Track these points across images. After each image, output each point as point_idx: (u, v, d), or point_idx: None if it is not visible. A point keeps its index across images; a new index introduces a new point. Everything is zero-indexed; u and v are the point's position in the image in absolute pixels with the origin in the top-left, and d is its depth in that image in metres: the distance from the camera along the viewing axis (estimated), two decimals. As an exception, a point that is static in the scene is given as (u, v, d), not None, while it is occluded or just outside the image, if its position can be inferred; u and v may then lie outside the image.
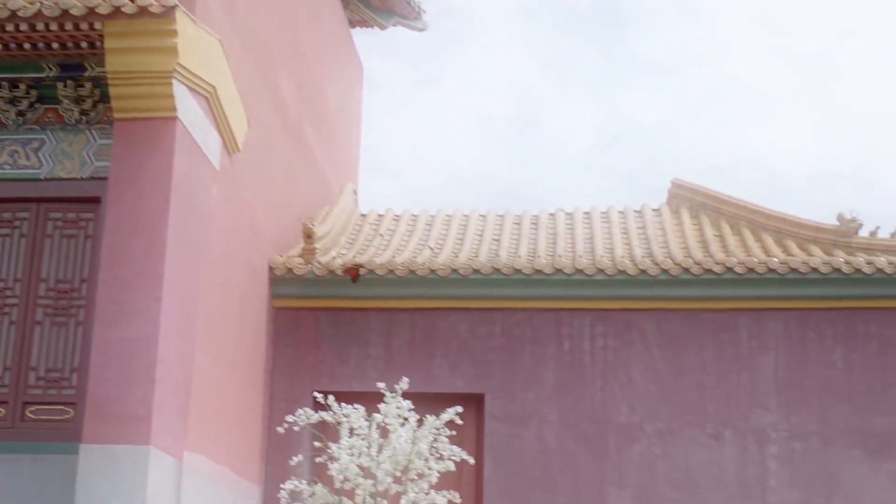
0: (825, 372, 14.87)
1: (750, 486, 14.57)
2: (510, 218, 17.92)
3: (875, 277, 14.75)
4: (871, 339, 14.95)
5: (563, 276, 14.96)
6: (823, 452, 14.64)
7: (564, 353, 15.09)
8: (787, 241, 16.14)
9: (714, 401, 14.85)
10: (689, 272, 14.86)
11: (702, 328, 15.08)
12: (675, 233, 16.84)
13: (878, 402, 14.75)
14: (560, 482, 14.71)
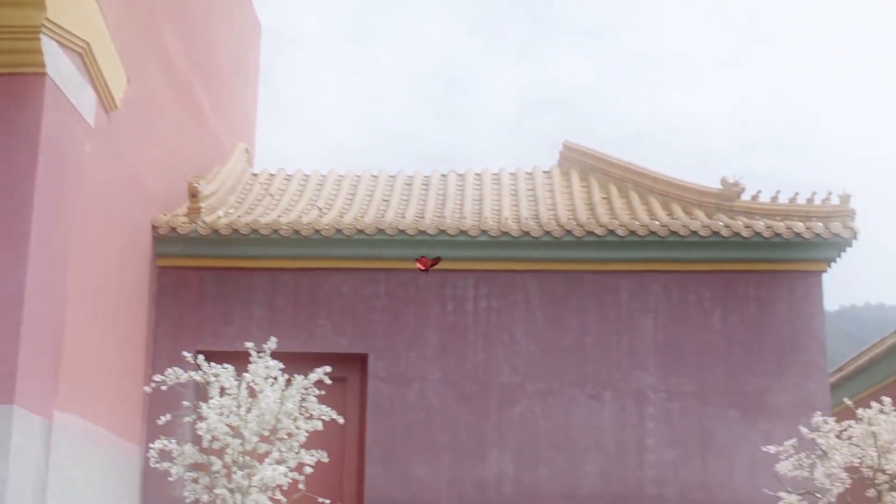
0: (703, 334, 15.12)
1: (628, 445, 14.81)
2: (401, 179, 17.93)
3: (753, 241, 15.00)
4: (749, 301, 15.21)
5: (446, 238, 15.03)
6: (700, 412, 14.91)
7: (448, 314, 15.18)
8: (672, 204, 16.32)
9: (594, 361, 15.04)
10: (571, 234, 15.01)
11: (584, 290, 15.25)
12: (563, 195, 16.96)
13: (755, 363, 15.03)
14: (442, 441, 14.84)
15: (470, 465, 14.75)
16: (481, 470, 14.74)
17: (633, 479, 14.72)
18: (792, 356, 15.05)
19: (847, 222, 15.05)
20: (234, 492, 10.70)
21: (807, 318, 15.18)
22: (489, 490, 14.69)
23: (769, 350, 15.08)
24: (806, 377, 14.95)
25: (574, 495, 14.65)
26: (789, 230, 14.96)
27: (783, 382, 14.94)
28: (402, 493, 14.68)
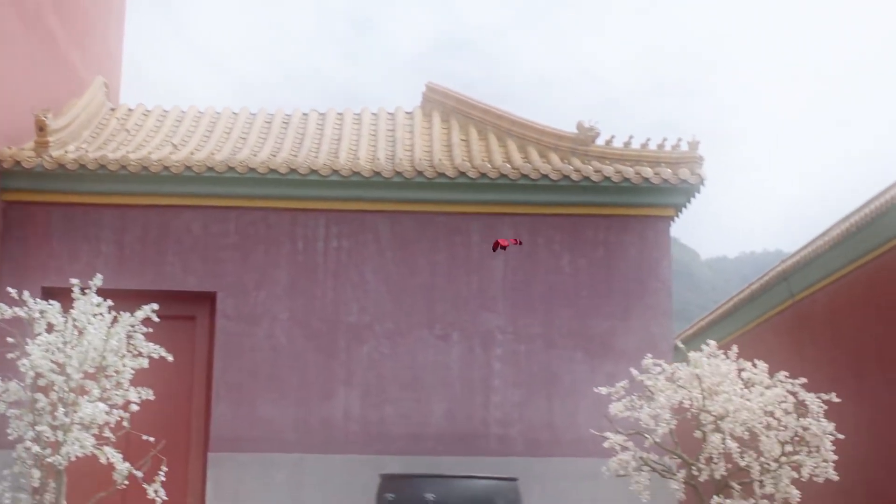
0: (552, 277, 15.26)
1: (474, 385, 14.94)
2: (262, 117, 17.76)
3: (603, 185, 15.14)
4: (598, 245, 15.38)
5: (297, 177, 14.94)
6: (546, 354, 15.09)
7: (298, 253, 15.13)
8: (529, 147, 16.39)
9: (443, 302, 15.12)
10: (422, 175, 15.01)
11: (434, 231, 15.29)
12: (422, 136, 16.94)
13: (602, 306, 15.23)
14: (289, 380, 14.84)
15: (317, 404, 14.79)
16: (328, 409, 14.79)
17: (478, 420, 14.88)
18: (638, 300, 15.27)
19: (695, 168, 15.25)
20: (57, 429, 10.60)
21: (654, 262, 15.40)
22: (336, 428, 14.74)
23: (616, 293, 15.28)
24: (651, 320, 15.19)
25: (420, 434, 14.77)
26: (638, 175, 15.12)
27: (629, 325, 15.16)
28: (249, 431, 14.68)
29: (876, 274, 18.43)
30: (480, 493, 11.69)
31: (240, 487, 14.51)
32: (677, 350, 13.69)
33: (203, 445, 14.89)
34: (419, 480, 11.71)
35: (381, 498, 11.81)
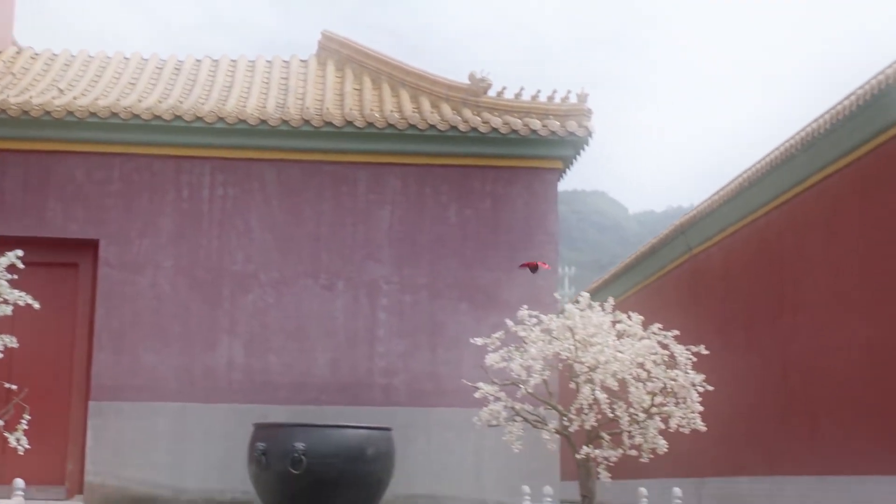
0: (438, 227, 15.26)
1: (359, 335, 14.94)
2: (154, 63, 17.49)
3: (491, 136, 15.13)
4: (485, 196, 15.38)
5: (182, 124, 14.76)
6: (431, 305, 15.11)
7: (183, 201, 14.98)
8: (421, 97, 16.32)
9: (329, 252, 15.06)
10: (309, 124, 14.89)
11: (321, 180, 15.20)
12: (316, 85, 16.80)
13: (488, 258, 15.26)
14: (172, 329, 14.72)
15: (200, 353, 14.70)
16: (211, 358, 14.71)
17: (363, 369, 14.88)
18: (525, 252, 15.30)
19: (582, 121, 15.27)
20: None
21: (542, 214, 15.44)
22: (219, 378, 14.68)
23: (502, 245, 15.31)
24: (537, 272, 15.23)
25: (304, 384, 14.75)
26: (526, 127, 15.12)
27: (514, 277, 15.19)
28: (130, 380, 14.56)
29: (765, 228, 18.68)
30: (352, 442, 11.66)
31: (121, 436, 14.41)
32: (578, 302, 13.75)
33: (84, 394, 14.75)
34: (290, 430, 11.64)
35: (252, 447, 11.74)
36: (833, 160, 16.17)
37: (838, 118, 15.46)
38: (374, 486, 11.96)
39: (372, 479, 11.84)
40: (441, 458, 14.74)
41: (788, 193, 17.62)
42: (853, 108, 15.05)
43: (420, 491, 14.70)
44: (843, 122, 15.45)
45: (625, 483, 25.52)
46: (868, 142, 15.28)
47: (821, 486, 16.27)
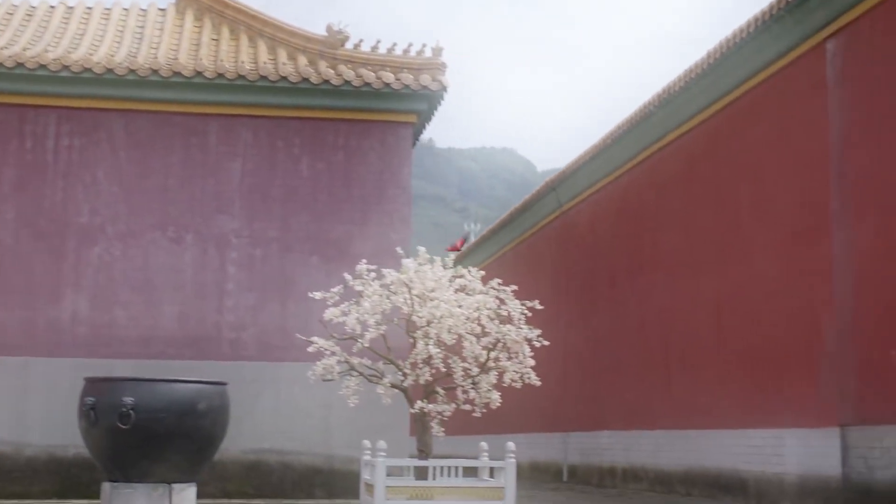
0: (290, 180, 15.11)
1: (208, 288, 14.77)
2: (4, 8, 17.00)
3: (343, 89, 14.98)
4: (338, 149, 15.25)
5: (25, 71, 14.39)
6: (282, 258, 14.98)
7: (26, 152, 14.64)
8: (279, 49, 16.09)
9: (178, 205, 14.84)
10: (158, 74, 14.60)
11: (170, 132, 14.95)
12: (172, 34, 16.46)
13: (340, 211, 15.15)
14: (15, 282, 14.42)
15: (43, 307, 14.43)
16: (56, 311, 14.44)
17: (211, 323, 14.73)
18: (377, 205, 15.24)
19: (436, 75, 15.18)
20: None
21: (395, 168, 15.36)
22: (63, 331, 14.42)
23: (355, 199, 15.21)
24: (389, 227, 15.18)
25: (151, 337, 14.56)
26: (379, 80, 14.99)
27: (367, 231, 15.12)
28: (-29, 333, 14.26)
29: (627, 186, 18.80)
30: (182, 397, 11.51)
31: (-40, 390, 14.12)
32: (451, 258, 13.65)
33: (-77, 347, 14.42)
34: (118, 384, 11.44)
35: (82, 402, 11.55)
36: (687, 118, 16.29)
37: (691, 76, 15.57)
38: (205, 440, 11.83)
39: (203, 433, 11.70)
40: (290, 414, 14.65)
41: (648, 151, 17.75)
42: (704, 67, 15.16)
43: (268, 446, 14.64)
44: (695, 80, 15.56)
45: (496, 437, 25.72)
46: (718, 100, 15.41)
47: (669, 438, 16.53)
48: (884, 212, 11.74)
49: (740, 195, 14.87)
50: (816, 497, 12.62)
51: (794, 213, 13.48)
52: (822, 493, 12.49)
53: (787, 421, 13.39)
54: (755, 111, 14.56)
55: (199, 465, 12.02)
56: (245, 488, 14.47)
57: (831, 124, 12.73)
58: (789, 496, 13.18)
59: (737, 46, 14.32)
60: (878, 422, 11.60)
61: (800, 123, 13.45)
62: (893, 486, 11.25)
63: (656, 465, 16.97)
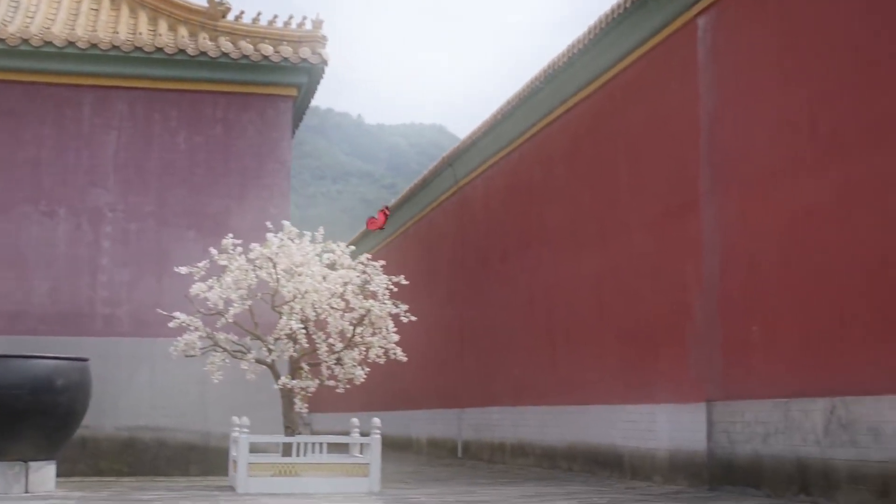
0: (168, 154, 14.90)
1: (81, 263, 14.55)
2: None
3: (222, 61, 14.78)
4: (216, 123, 15.06)
5: None
6: (158, 233, 14.78)
7: None
8: (160, 19, 15.81)
9: (50, 178, 14.58)
10: (28, 43, 14.29)
11: (43, 103, 14.67)
12: (50, 3, 16.07)
13: (218, 185, 14.98)
14: None
15: (-89, 281, 14.11)
16: (-78, 286, 14.13)
17: (84, 299, 14.50)
18: (257, 180, 15.08)
19: (316, 48, 15.03)
20: None
21: (274, 142, 15.20)
22: (-76, 307, 14.12)
23: (233, 173, 15.04)
24: (269, 201, 15.03)
25: (21, 313, 14.30)
26: (257, 52, 14.81)
27: (245, 205, 14.97)
28: None
29: (518, 161, 18.78)
30: (40, 373, 11.33)
31: None
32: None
33: None
34: (-27, 360, 11.27)
35: (-62, 378, 11.33)
36: (571, 94, 16.27)
37: (574, 52, 15.53)
38: (64, 417, 11.65)
39: (61, 410, 11.53)
40: (165, 390, 14.49)
41: (536, 127, 17.70)
42: (586, 42, 15.13)
43: (143, 423, 14.48)
44: (578, 56, 15.53)
45: (396, 413, 25.72)
46: (599, 77, 15.39)
47: (554, 414, 16.57)
48: (746, 189, 11.79)
49: (619, 172, 14.88)
50: (684, 472, 12.70)
51: (668, 191, 13.52)
52: (690, 468, 12.57)
53: (659, 397, 13.45)
54: (633, 88, 14.57)
55: (58, 443, 11.83)
56: (118, 466, 14.29)
57: (702, 102, 12.75)
58: (661, 471, 13.25)
59: (615, 22, 14.29)
60: (740, 397, 11.68)
61: (673, 101, 13.47)
62: (751, 459, 11.34)
63: (542, 441, 17.01)
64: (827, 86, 10.56)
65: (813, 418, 10.40)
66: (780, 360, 11.11)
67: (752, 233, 11.67)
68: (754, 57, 11.91)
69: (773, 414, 11.04)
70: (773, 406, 11.05)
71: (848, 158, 10.15)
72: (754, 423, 11.38)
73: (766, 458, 11.13)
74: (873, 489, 9.50)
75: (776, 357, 11.17)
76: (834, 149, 10.36)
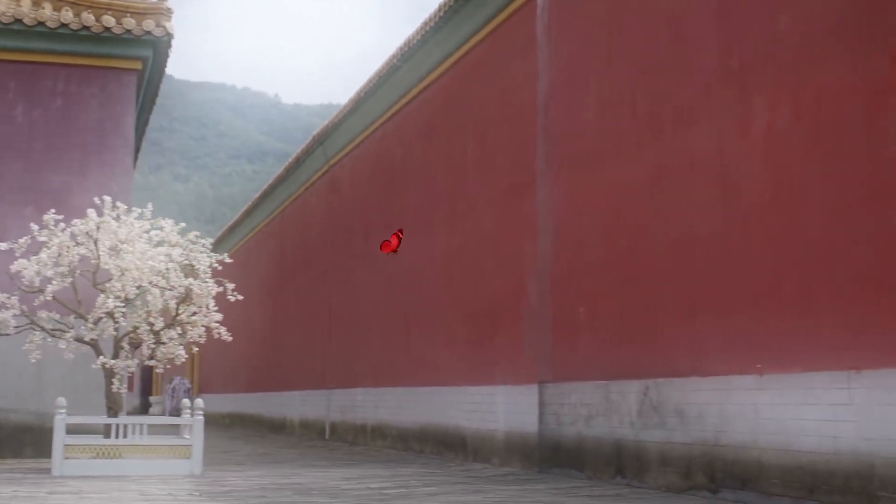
0: (4, 127, 14.49)
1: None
2: None
3: (61, 32, 14.40)
4: (56, 96, 14.67)
5: None
6: (-6, 208, 14.37)
7: None
8: (3, -12, 15.34)
9: None
10: None
11: None
12: None
13: (58, 160, 14.60)
14: None
15: None
16: None
17: (-87, 277, 14.00)
18: (98, 155, 14.72)
19: (161, 20, 14.68)
20: None
21: (117, 117, 14.84)
22: None
23: (74, 147, 14.67)
24: (111, 177, 14.67)
25: None
26: (99, 24, 14.43)
27: (86, 182, 14.60)
28: None
29: (381, 140, 18.59)
30: None
31: None
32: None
33: None
34: None
35: None
36: (426, 73, 16.09)
37: (427, 29, 15.34)
38: None
39: None
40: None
41: (396, 105, 17.51)
42: (437, 19, 14.95)
43: (-24, 403, 14.06)
44: (431, 34, 15.35)
45: (275, 395, 25.47)
46: (451, 55, 15.24)
47: (408, 396, 16.45)
48: (576, 169, 11.70)
49: (468, 152, 14.74)
50: (518, 454, 12.62)
51: (509, 170, 13.40)
52: (523, 450, 12.49)
53: (499, 378, 13.36)
54: (481, 66, 14.42)
55: None
56: (-49, 447, 13.88)
57: (539, 81, 12.64)
58: (498, 453, 13.16)
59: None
60: (568, 379, 11.60)
61: (515, 79, 13.34)
62: (576, 441, 11.28)
63: (398, 423, 16.87)
64: (645, 65, 10.49)
65: (629, 400, 10.35)
66: (602, 341, 11.05)
67: (580, 213, 11.59)
68: (584, 35, 11.81)
69: (595, 396, 10.98)
70: (595, 388, 10.99)
71: (661, 138, 10.08)
72: (579, 405, 11.32)
73: (588, 439, 11.07)
74: (678, 471, 9.47)
75: (599, 338, 11.11)
76: (650, 129, 10.29)
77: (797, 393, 8.07)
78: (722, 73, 9.23)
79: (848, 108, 7.73)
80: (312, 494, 9.51)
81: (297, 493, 9.59)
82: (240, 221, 30.37)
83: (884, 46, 7.43)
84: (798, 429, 8.02)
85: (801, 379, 8.04)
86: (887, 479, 7.15)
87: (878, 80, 7.45)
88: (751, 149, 8.78)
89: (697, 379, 9.31)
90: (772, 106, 8.54)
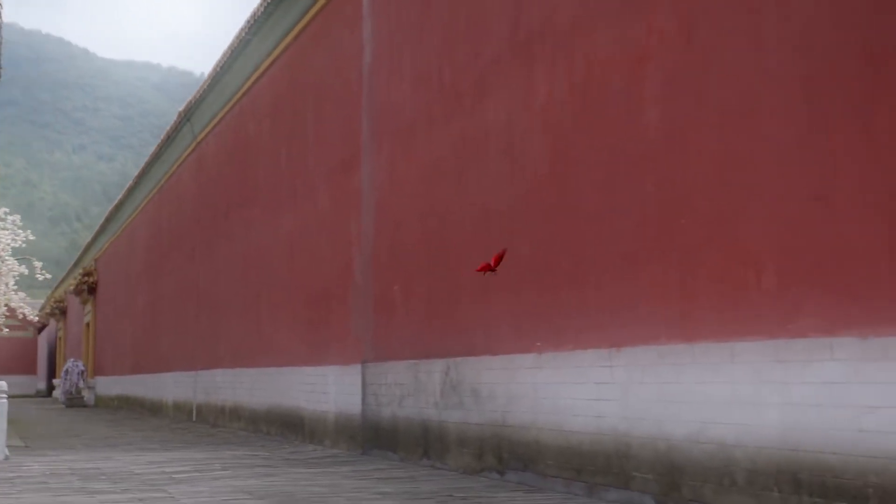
0: None
1: None
2: None
3: None
4: None
5: None
6: None
7: None
8: None
9: None
10: None
11: None
12: None
13: None
14: None
15: None
16: None
17: None
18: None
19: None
20: None
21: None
22: None
23: None
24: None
25: None
26: (-80, -6, 13.87)
27: None
28: None
29: (239, 116, 18.23)
30: None
31: None
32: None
33: None
34: None
35: None
36: (273, 46, 15.73)
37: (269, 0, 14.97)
38: None
39: None
40: None
41: (250, 80, 17.14)
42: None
43: None
44: (274, 4, 14.97)
45: (155, 377, 25.02)
46: (293, 27, 14.89)
47: (259, 377, 16.17)
48: (394, 144, 11.42)
49: (308, 128, 14.41)
50: (345, 435, 12.36)
51: (340, 146, 13.09)
52: (349, 431, 12.24)
53: (331, 358, 13.08)
54: (317, 39, 14.09)
55: None
56: None
57: (364, 54, 12.33)
58: (330, 434, 12.90)
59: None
60: (386, 358, 11.35)
61: (345, 53, 13.02)
62: (391, 422, 11.04)
63: (251, 404, 16.55)
64: (449, 36, 10.22)
65: (434, 380, 10.12)
66: (413, 320, 10.80)
67: (397, 189, 11.33)
68: (401, 7, 11.51)
69: (406, 376, 10.74)
70: (406, 368, 10.75)
71: (461, 111, 9.83)
72: (394, 385, 11.07)
73: (400, 420, 10.83)
74: (472, 452, 9.26)
75: (411, 318, 10.86)
76: (454, 102, 10.03)
77: (570, 372, 7.87)
78: (511, 44, 8.99)
79: (610, 77, 7.52)
80: (98, 480, 9.18)
81: (82, 479, 9.24)
82: (123, 200, 29.77)
83: (642, 17, 7.22)
84: (569, 408, 7.82)
85: (571, 357, 7.85)
86: (641, 460, 6.96)
87: (637, 49, 7.24)
88: (533, 121, 8.55)
89: (489, 358, 9.09)
90: (549, 77, 8.31)
